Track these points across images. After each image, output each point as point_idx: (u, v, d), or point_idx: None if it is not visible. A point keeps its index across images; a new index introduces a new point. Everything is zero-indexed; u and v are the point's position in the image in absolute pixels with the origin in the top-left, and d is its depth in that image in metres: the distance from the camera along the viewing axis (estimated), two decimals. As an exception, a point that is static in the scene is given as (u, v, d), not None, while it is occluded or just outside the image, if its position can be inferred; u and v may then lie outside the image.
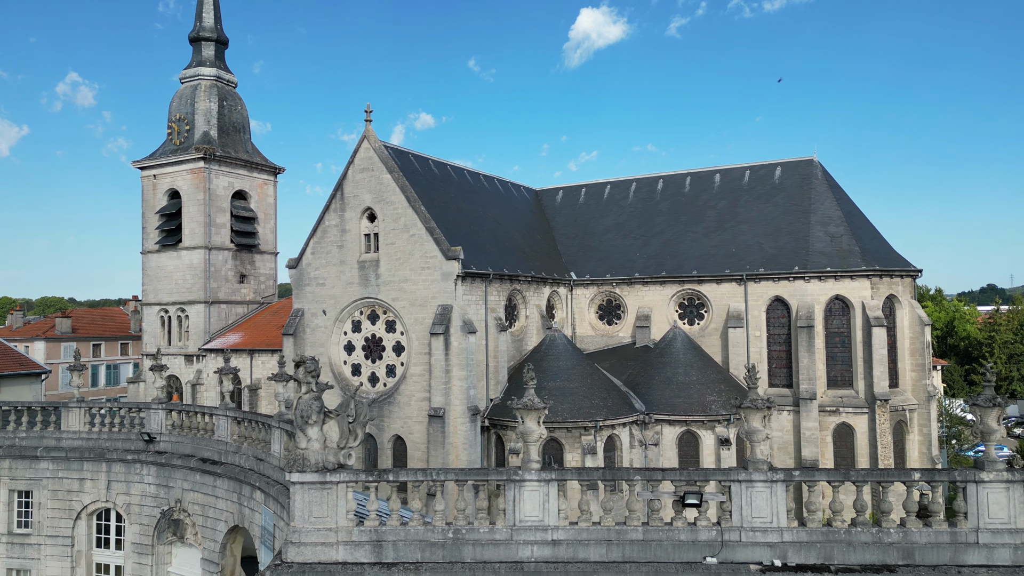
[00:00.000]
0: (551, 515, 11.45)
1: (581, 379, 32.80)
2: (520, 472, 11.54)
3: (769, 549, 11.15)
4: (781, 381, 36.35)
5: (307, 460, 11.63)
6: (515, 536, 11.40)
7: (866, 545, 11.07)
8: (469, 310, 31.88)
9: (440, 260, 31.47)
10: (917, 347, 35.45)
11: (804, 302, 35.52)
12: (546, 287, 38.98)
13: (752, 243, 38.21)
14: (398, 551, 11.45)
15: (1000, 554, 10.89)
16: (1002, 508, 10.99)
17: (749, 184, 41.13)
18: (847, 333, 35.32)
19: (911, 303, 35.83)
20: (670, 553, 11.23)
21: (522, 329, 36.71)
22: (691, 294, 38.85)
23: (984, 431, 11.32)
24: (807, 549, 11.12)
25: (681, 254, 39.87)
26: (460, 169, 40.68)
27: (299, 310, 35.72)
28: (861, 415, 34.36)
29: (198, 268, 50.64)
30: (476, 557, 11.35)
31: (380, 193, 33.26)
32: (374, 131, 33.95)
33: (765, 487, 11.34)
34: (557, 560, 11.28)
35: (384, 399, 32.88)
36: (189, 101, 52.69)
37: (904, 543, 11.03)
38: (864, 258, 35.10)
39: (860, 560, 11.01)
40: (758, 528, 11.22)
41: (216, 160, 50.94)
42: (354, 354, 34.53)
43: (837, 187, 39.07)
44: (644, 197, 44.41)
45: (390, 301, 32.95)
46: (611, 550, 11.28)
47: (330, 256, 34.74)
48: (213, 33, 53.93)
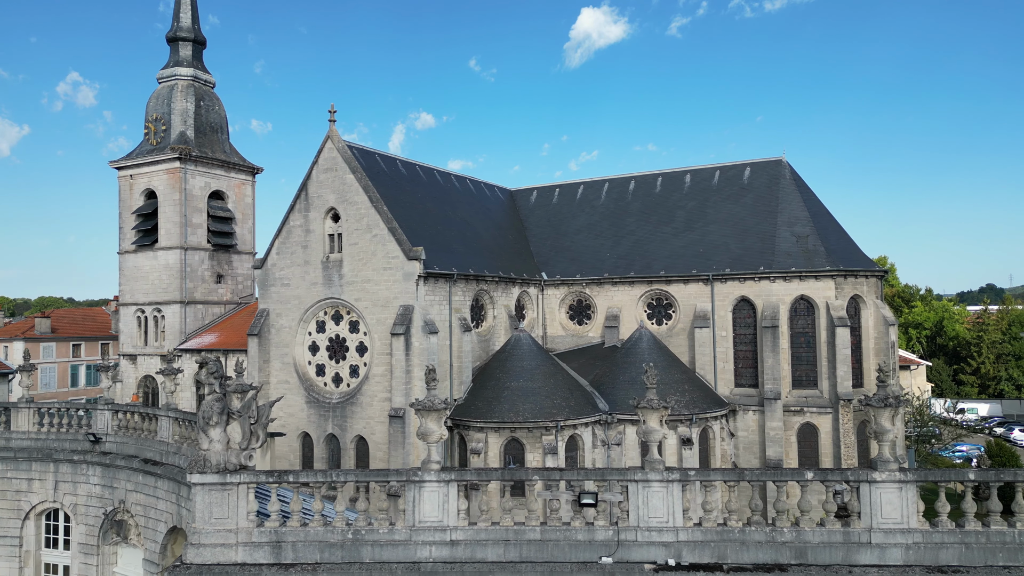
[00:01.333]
0: (450, 516, 11.48)
1: (544, 379, 32.84)
2: (419, 473, 11.57)
3: (664, 548, 11.20)
4: (747, 381, 36.44)
5: (208, 461, 11.65)
6: (414, 537, 11.43)
7: (759, 544, 11.12)
8: (432, 310, 31.91)
9: (402, 260, 31.50)
10: (882, 347, 35.55)
11: (769, 302, 35.61)
12: (515, 287, 39.02)
13: (720, 243, 38.30)
14: (297, 552, 11.47)
15: (892, 554, 10.94)
16: (895, 508, 11.05)
17: (719, 184, 41.21)
18: (812, 333, 35.42)
19: (876, 303, 35.93)
20: (567, 553, 11.28)
21: (489, 329, 36.74)
22: (659, 294, 38.93)
23: (878, 431, 11.38)
24: (701, 548, 11.17)
25: (650, 254, 39.95)
26: (430, 169, 40.70)
27: (264, 311, 35.72)
28: (825, 415, 34.47)
29: (174, 268, 50.64)
30: (375, 558, 11.38)
31: (343, 193, 33.28)
32: (338, 131, 33.97)
33: (662, 487, 11.39)
34: (455, 560, 11.31)
35: (347, 400, 32.90)
36: (166, 101, 52.69)
37: (797, 542, 11.08)
38: (829, 258, 35.20)
39: (753, 559, 11.07)
40: (654, 528, 11.27)
41: (192, 160, 50.95)
42: (318, 355, 34.54)
43: (805, 187, 39.16)
44: (616, 197, 44.48)
45: (353, 301, 32.97)
46: (509, 550, 11.32)
47: (295, 256, 34.74)
48: (190, 33, 53.94)
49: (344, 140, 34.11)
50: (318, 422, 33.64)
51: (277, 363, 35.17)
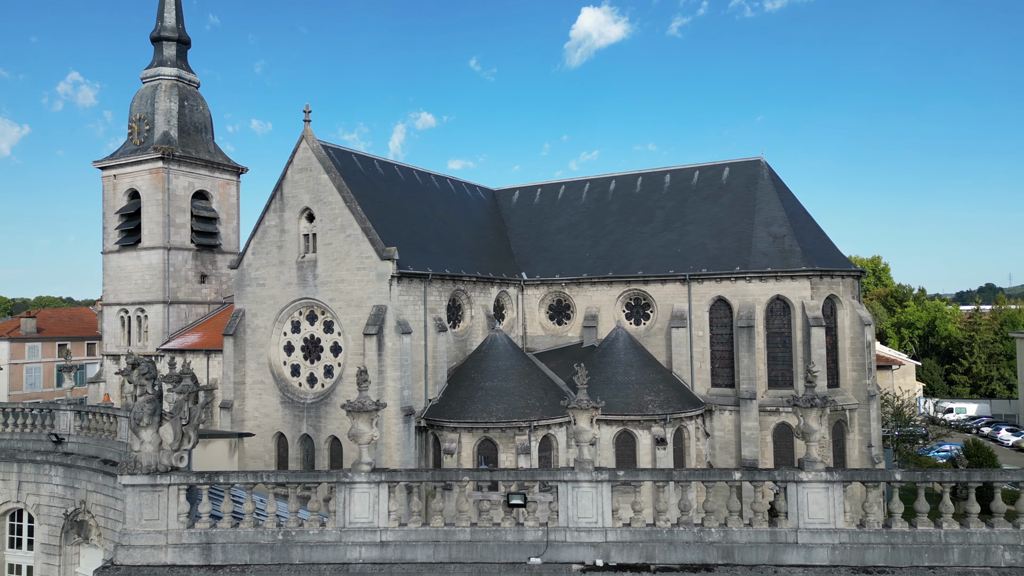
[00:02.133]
0: (381, 517, 11.48)
1: (519, 379, 32.84)
2: (350, 474, 11.57)
3: (593, 549, 11.21)
4: (724, 381, 36.47)
5: (139, 462, 11.64)
6: (344, 538, 11.43)
7: (687, 544, 11.13)
8: (406, 310, 31.89)
9: (375, 260, 31.48)
10: (858, 347, 35.60)
11: (745, 302, 35.64)
12: (494, 287, 39.01)
13: (697, 243, 38.33)
14: (227, 553, 11.47)
15: (818, 554, 10.96)
16: (821, 508, 11.07)
17: (698, 185, 41.24)
18: (788, 333, 35.46)
19: (852, 303, 35.98)
20: (496, 554, 11.28)
21: (467, 329, 36.73)
22: (637, 294, 38.94)
23: (805, 431, 11.40)
24: (630, 549, 11.18)
25: (629, 254, 39.96)
26: (408, 169, 40.68)
27: (240, 311, 35.69)
28: (800, 415, 34.44)
29: (157, 268, 50.54)
30: (304, 559, 11.37)
31: (318, 193, 33.26)
32: (312, 131, 33.93)
33: (591, 487, 11.40)
34: (384, 561, 11.31)
35: (321, 400, 32.88)
36: (149, 101, 52.58)
37: (724, 542, 11.10)
38: (804, 258, 35.24)
39: (681, 559, 11.08)
40: (583, 528, 11.28)
41: (175, 160, 50.85)
42: (293, 355, 34.52)
43: (783, 188, 39.20)
44: (597, 197, 44.50)
45: (327, 302, 32.95)
46: (438, 551, 11.32)
47: (270, 257, 34.72)
48: (174, 33, 53.83)
49: (319, 140, 34.10)
50: (293, 422, 33.62)
51: (252, 363, 35.14)
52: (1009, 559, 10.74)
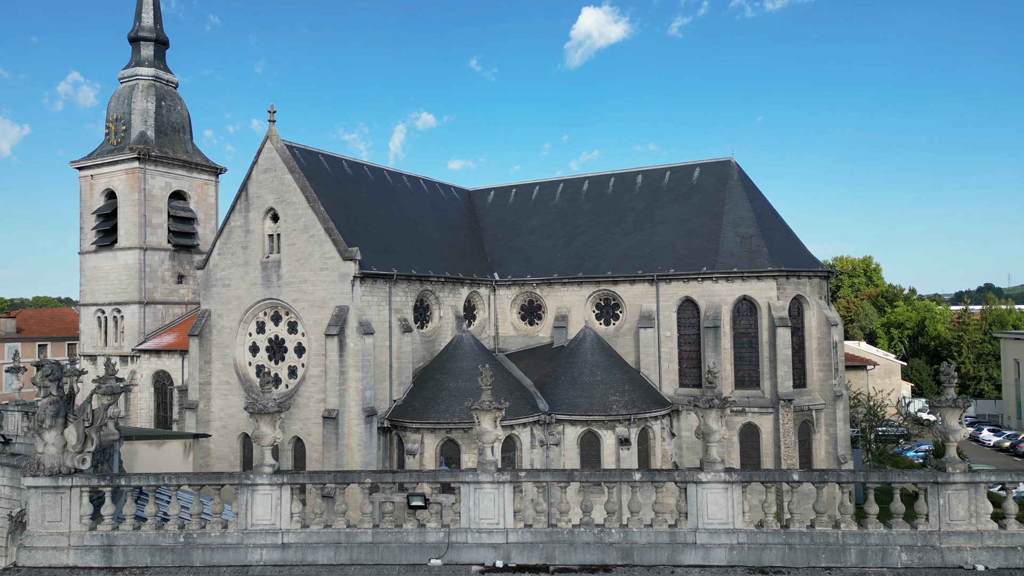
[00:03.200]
0: (283, 518, 11.45)
1: (483, 380, 32.75)
2: (251, 476, 11.54)
3: (494, 550, 11.19)
4: (691, 381, 36.48)
5: (42, 464, 11.60)
6: (246, 540, 11.39)
7: (587, 545, 11.12)
8: (369, 311, 31.85)
9: (338, 261, 31.44)
10: (824, 347, 35.64)
11: (712, 302, 35.66)
12: (464, 287, 38.98)
13: (666, 244, 38.35)
14: (128, 555, 11.43)
15: (716, 554, 10.95)
16: (720, 509, 11.06)
17: (668, 185, 41.27)
18: (754, 333, 35.49)
19: (819, 303, 36.01)
20: (397, 555, 11.25)
21: (435, 330, 36.69)
22: (607, 294, 38.95)
23: (705, 432, 11.40)
24: (530, 550, 11.16)
25: (599, 255, 39.97)
26: (379, 170, 40.64)
27: (206, 311, 35.63)
28: (767, 415, 34.53)
29: (133, 269, 50.48)
30: (205, 561, 11.34)
31: (282, 193, 33.21)
32: (276, 131, 33.89)
33: (493, 488, 11.38)
34: (285, 563, 11.28)
35: (285, 400, 32.80)
36: (126, 101, 52.53)
37: (624, 543, 11.08)
38: (771, 259, 35.27)
39: (580, 560, 11.06)
40: (484, 529, 11.26)
41: (152, 160, 50.78)
42: (258, 355, 34.47)
43: (752, 188, 39.23)
44: (570, 198, 44.50)
45: (291, 302, 32.91)
46: (339, 553, 11.29)
47: (235, 257, 34.66)
48: (152, 33, 53.78)
49: (284, 141, 34.06)
50: (257, 423, 33.48)
51: (218, 364, 35.08)
52: (906, 560, 10.74)
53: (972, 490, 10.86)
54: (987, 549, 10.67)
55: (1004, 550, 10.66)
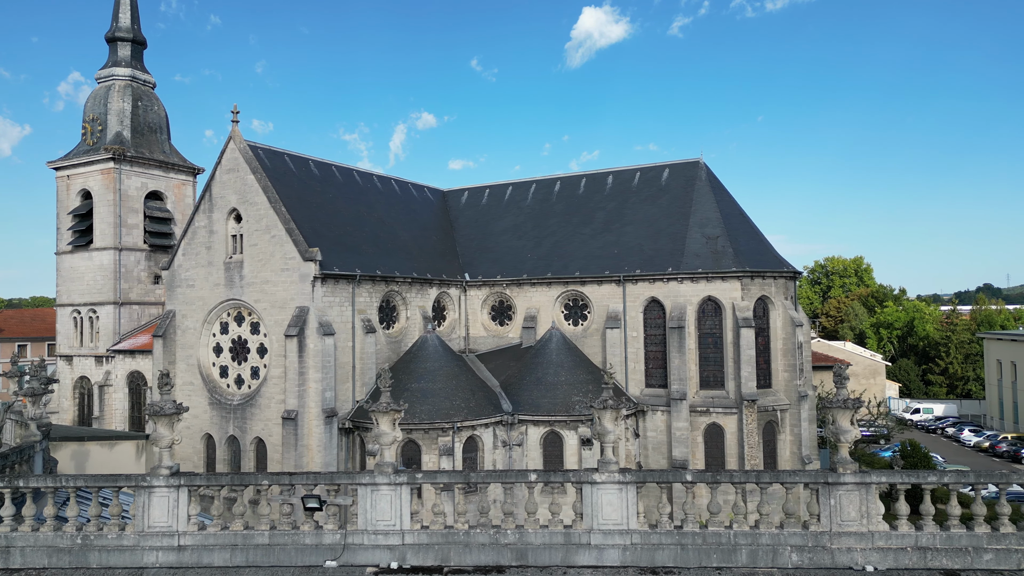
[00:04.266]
0: (180, 521, 11.43)
1: (446, 380, 32.81)
2: (148, 479, 11.51)
3: (389, 552, 11.19)
4: (657, 381, 36.51)
5: (-61, 465, 11.57)
6: (142, 542, 11.37)
7: (483, 546, 11.12)
8: (331, 312, 31.82)
9: (298, 261, 31.41)
10: (789, 347, 35.69)
11: (677, 303, 35.70)
12: (432, 288, 38.96)
13: (634, 244, 38.39)
14: (25, 557, 11.41)
15: (610, 555, 10.97)
16: (615, 509, 11.07)
17: (638, 186, 41.31)
18: (719, 334, 35.53)
19: (785, 304, 36.06)
20: (293, 557, 11.25)
21: (402, 330, 36.66)
22: (575, 295, 38.98)
23: (600, 432, 11.40)
24: (426, 551, 11.17)
25: (568, 255, 39.99)
26: (348, 170, 40.60)
27: (171, 312, 35.58)
28: (731, 415, 34.57)
29: (108, 269, 50.37)
30: (102, 563, 11.32)
31: (245, 194, 33.18)
32: (240, 132, 33.83)
33: (390, 490, 11.38)
34: (181, 566, 11.26)
35: (247, 401, 32.79)
36: (103, 101, 52.44)
37: (519, 544, 11.09)
38: (736, 259, 35.31)
39: (475, 561, 11.07)
40: (381, 531, 11.25)
41: (128, 160, 50.68)
42: (222, 356, 34.42)
43: (720, 189, 39.27)
44: (542, 199, 44.52)
45: (253, 303, 32.87)
46: (235, 555, 11.28)
47: (199, 258, 34.61)
48: (129, 33, 53.67)
49: (248, 141, 34.01)
50: (220, 424, 33.52)
51: (182, 364, 35.02)
52: (796, 560, 10.77)
53: (863, 491, 10.88)
54: (877, 550, 10.70)
55: (894, 551, 10.69)
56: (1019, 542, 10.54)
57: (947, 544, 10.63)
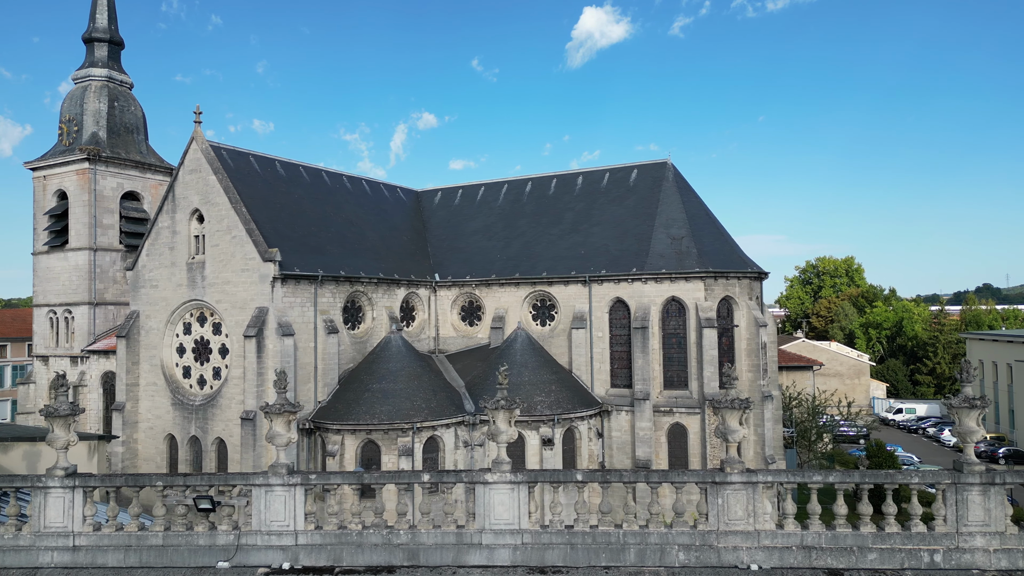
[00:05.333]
0: (76, 521, 11.45)
1: (408, 380, 32.83)
2: (43, 479, 11.53)
3: (282, 552, 11.22)
4: (622, 381, 36.58)
5: None
6: (37, 542, 11.39)
7: (375, 547, 11.16)
8: (292, 312, 31.82)
9: (258, 262, 31.41)
10: (753, 348, 35.76)
11: (641, 303, 35.77)
12: (400, 289, 38.98)
13: (600, 245, 38.45)
14: (-81, 557, 11.41)
15: (500, 554, 11.01)
16: (507, 509, 11.11)
17: (607, 187, 41.37)
18: (683, 334, 35.60)
19: (749, 304, 36.13)
20: (186, 558, 11.27)
21: (367, 331, 36.67)
22: (543, 295, 39.03)
23: (493, 432, 11.44)
24: (318, 551, 11.20)
25: (536, 256, 40.05)
26: (316, 171, 40.61)
27: (135, 312, 35.56)
28: (694, 415, 34.66)
29: (83, 269, 50.23)
30: (-4, 563, 11.34)
31: (207, 194, 33.18)
32: (202, 132, 33.84)
33: (284, 490, 11.40)
34: (75, 566, 11.28)
35: (209, 402, 32.79)
36: (79, 102, 52.35)
37: (412, 544, 11.13)
38: (700, 260, 35.39)
39: (367, 561, 11.10)
40: (274, 532, 11.28)
41: (103, 161, 50.55)
42: (185, 356, 34.41)
43: (687, 189, 39.35)
44: (513, 199, 44.57)
45: (215, 303, 32.86)
46: (129, 555, 11.31)
47: (162, 258, 34.61)
48: (106, 34, 53.59)
49: (211, 141, 34.02)
50: (182, 424, 33.51)
51: (146, 365, 35.01)
52: (683, 559, 10.82)
53: (750, 490, 10.94)
54: (763, 549, 10.76)
55: (779, 550, 10.75)
56: (903, 542, 10.61)
57: (832, 543, 10.69)
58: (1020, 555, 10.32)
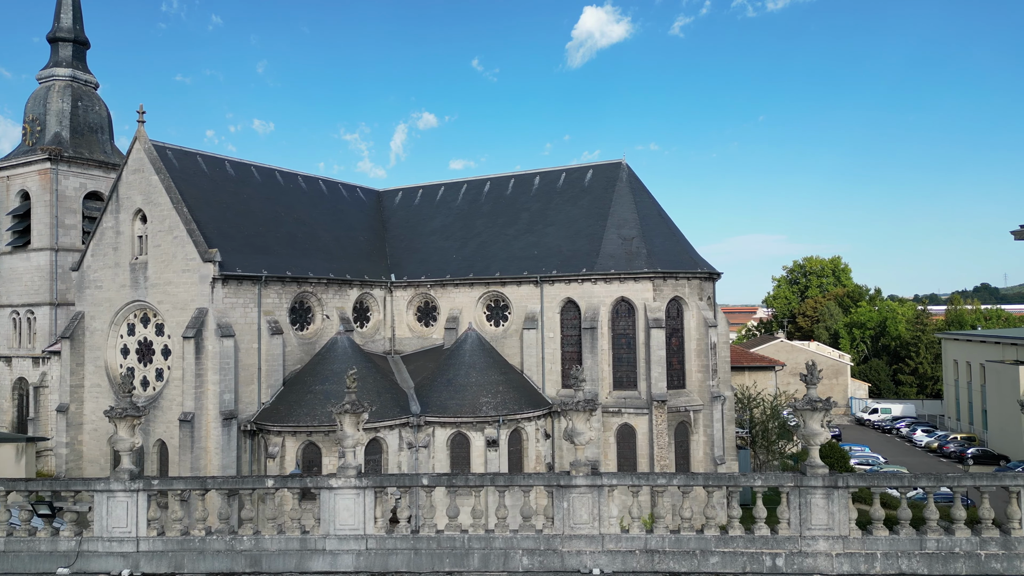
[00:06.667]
0: (-84, 526, 11.24)
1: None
2: None
3: (123, 559, 11.02)
4: (573, 382, 36.33)
5: None
6: None
7: (218, 553, 10.97)
8: (234, 313, 31.57)
9: (198, 263, 31.16)
10: (703, 348, 35.67)
11: (591, 304, 35.64)
12: (353, 289, 38.75)
13: (553, 245, 38.31)
14: None
15: (344, 560, 10.83)
16: (351, 514, 10.94)
17: (562, 187, 41.24)
18: (632, 335, 35.48)
19: (699, 305, 36.03)
20: (28, 564, 11.07)
21: (317, 332, 36.42)
22: (496, 296, 38.86)
23: (340, 436, 11.27)
24: (159, 558, 11.00)
25: (491, 256, 39.88)
26: (269, 170, 40.35)
27: (79, 313, 35.27)
28: (642, 416, 34.53)
29: (45, 270, 49.85)
30: None
31: (149, 195, 32.91)
32: (145, 132, 33.58)
33: (126, 496, 11.21)
34: (-87, 572, 11.07)
35: (151, 403, 32.49)
36: (42, 102, 51.96)
37: (255, 550, 10.94)
38: (649, 260, 35.27)
39: (209, 568, 10.91)
40: (116, 538, 11.08)
41: (65, 161, 50.21)
42: (129, 357, 34.13)
43: (641, 190, 39.22)
44: (471, 199, 44.39)
45: (157, 304, 32.61)
46: (-31, 561, 11.09)
47: (107, 259, 34.33)
48: (71, 34, 53.22)
49: (155, 141, 33.76)
50: (125, 427, 33.20)
51: (90, 366, 34.71)
52: (527, 563, 10.66)
53: (596, 494, 10.79)
54: (607, 553, 10.61)
55: (623, 554, 10.61)
56: (746, 545, 10.47)
57: (676, 547, 10.55)
58: (862, 559, 10.19)
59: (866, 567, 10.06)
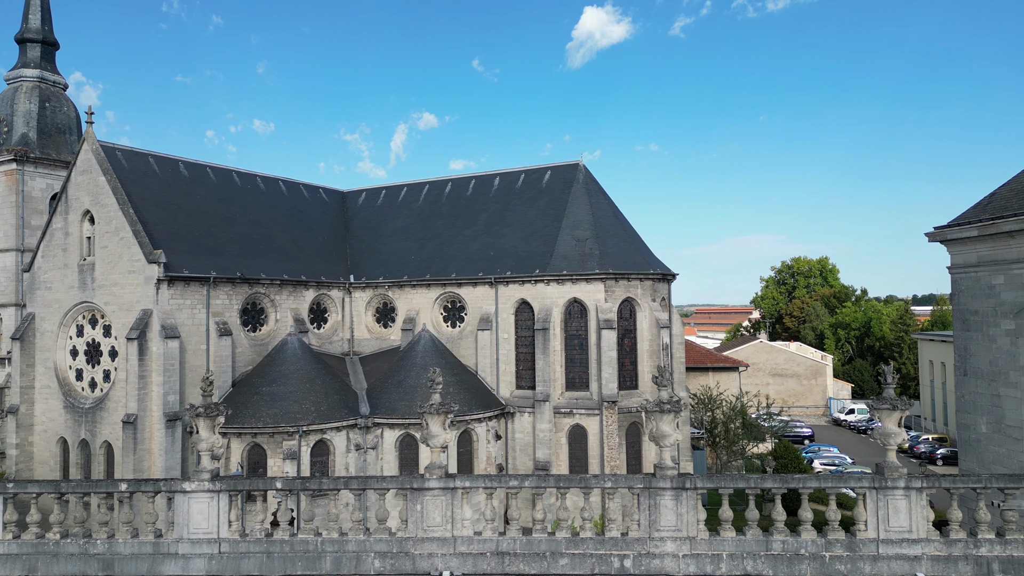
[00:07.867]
0: None
1: (299, 383, 32.53)
2: None
3: (-23, 562, 10.96)
4: (527, 383, 36.43)
5: None
6: None
7: (71, 556, 10.92)
8: (181, 314, 31.47)
9: (144, 264, 31.04)
10: (655, 349, 35.70)
11: (544, 305, 35.64)
12: (308, 290, 38.67)
13: (509, 247, 38.31)
14: None
15: (196, 564, 10.80)
16: (205, 518, 10.91)
17: (521, 188, 41.23)
18: (584, 336, 35.48)
19: (652, 306, 36.05)
20: None
21: (270, 333, 36.31)
22: (453, 297, 38.83)
23: (194, 441, 11.21)
24: (13, 562, 10.95)
25: (449, 257, 39.85)
26: (226, 171, 40.24)
27: (30, 314, 35.11)
28: (594, 417, 34.52)
29: (10, 271, 49.54)
30: None
31: (97, 196, 32.79)
32: (94, 132, 33.44)
33: (-18, 499, 11.14)
34: None
35: (98, 405, 32.39)
36: (9, 103, 51.75)
37: (108, 554, 10.90)
38: (601, 261, 35.29)
39: (63, 571, 10.87)
40: (-30, 541, 11.01)
41: (31, 162, 49.98)
42: (78, 359, 33.99)
43: (597, 191, 39.25)
44: (432, 200, 44.35)
45: (104, 305, 32.48)
46: None
47: (56, 260, 34.18)
48: (39, 34, 53.01)
49: (103, 142, 33.64)
50: (73, 427, 33.09)
51: (41, 367, 34.56)
52: (379, 566, 10.64)
53: (449, 496, 10.78)
54: (458, 555, 10.60)
55: (474, 556, 10.59)
56: (596, 547, 10.47)
57: (527, 549, 10.55)
58: (708, 560, 10.20)
59: (712, 568, 10.07)
